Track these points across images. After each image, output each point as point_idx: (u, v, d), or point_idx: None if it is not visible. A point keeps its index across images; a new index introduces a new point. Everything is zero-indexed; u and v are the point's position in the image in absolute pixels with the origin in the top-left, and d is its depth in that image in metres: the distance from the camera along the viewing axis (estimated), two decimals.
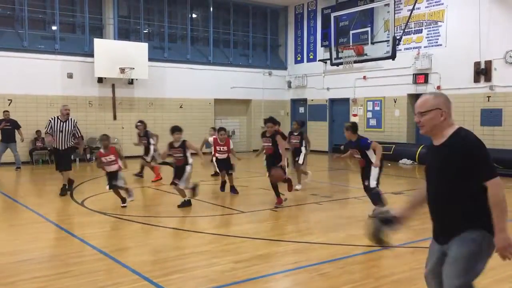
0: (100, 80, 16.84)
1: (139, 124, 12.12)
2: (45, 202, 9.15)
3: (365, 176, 7.30)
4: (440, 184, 2.89)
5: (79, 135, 10.00)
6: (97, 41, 16.42)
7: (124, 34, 17.97)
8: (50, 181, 10.98)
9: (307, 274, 5.01)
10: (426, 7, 15.84)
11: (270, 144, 8.50)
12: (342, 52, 16.83)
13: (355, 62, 16.58)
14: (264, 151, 8.88)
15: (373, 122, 17.89)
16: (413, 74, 16.12)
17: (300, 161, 10.38)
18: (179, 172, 8.23)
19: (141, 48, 17.06)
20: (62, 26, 16.85)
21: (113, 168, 8.23)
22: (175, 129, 8.27)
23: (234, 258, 5.50)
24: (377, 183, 7.26)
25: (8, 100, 15.28)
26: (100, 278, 4.86)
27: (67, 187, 9.75)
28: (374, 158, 7.15)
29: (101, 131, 16.40)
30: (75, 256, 5.68)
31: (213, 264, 5.30)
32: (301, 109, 21.06)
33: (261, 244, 6.19)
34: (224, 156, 9.73)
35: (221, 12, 20.15)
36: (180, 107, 18.60)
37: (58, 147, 9.68)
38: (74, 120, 9.86)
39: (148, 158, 11.76)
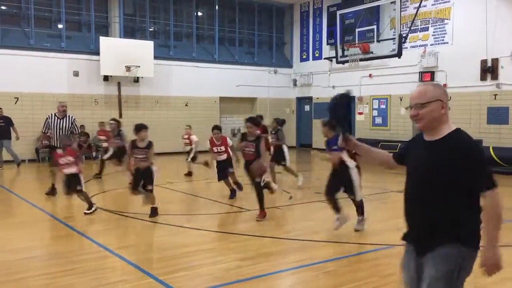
0: (106, 78, 16.88)
1: (112, 122, 11.34)
2: (51, 200, 9.18)
3: (346, 186, 6.38)
4: (424, 184, 2.60)
5: (77, 132, 9.77)
6: (103, 39, 16.47)
7: (129, 32, 18.00)
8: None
9: (312, 272, 5.01)
10: (432, 5, 15.75)
11: (253, 150, 7.35)
12: (348, 50, 16.79)
13: (361, 60, 16.54)
14: (244, 156, 7.69)
15: (378, 120, 17.83)
16: (419, 72, 16.03)
17: (287, 163, 10.33)
18: (145, 176, 7.32)
19: (146, 46, 17.09)
20: (68, 24, 16.91)
21: (71, 170, 7.52)
22: (141, 127, 7.30)
23: (239, 256, 5.50)
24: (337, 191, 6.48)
25: (15, 98, 15.35)
26: (105, 276, 4.88)
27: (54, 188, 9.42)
28: (349, 161, 6.24)
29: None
30: (81, 253, 5.70)
31: (218, 262, 5.31)
32: (307, 107, 21.03)
33: (266, 242, 6.19)
34: (224, 157, 8.91)
35: (227, 10, 20.14)
36: (186, 105, 18.63)
37: (56, 144, 9.42)
38: (72, 117, 9.65)
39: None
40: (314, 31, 20.36)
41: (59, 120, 9.49)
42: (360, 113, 18.35)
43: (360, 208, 6.56)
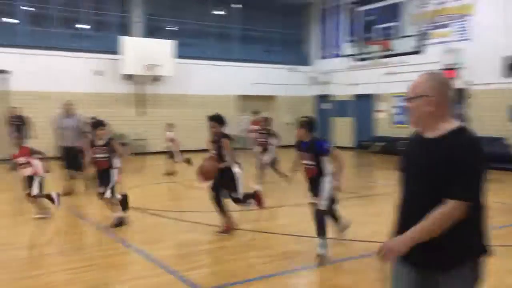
0: (127, 77, 17.09)
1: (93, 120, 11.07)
2: (73, 197, 9.29)
3: (316, 192, 5.37)
4: (419, 188, 2.27)
5: (85, 131, 9.47)
6: (124, 39, 16.67)
7: (150, 31, 18.18)
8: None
9: (333, 270, 4.98)
10: (454, 1, 15.50)
11: (216, 152, 6.31)
12: (368, 47, 16.65)
13: (381, 57, 16.39)
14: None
15: (399, 118, 17.64)
16: (441, 69, 15.80)
17: (265, 162, 9.85)
18: (103, 178, 6.52)
19: (166, 46, 17.25)
20: (90, 25, 17.17)
21: (27, 172, 6.99)
22: (98, 124, 6.64)
23: (260, 253, 5.50)
24: (331, 203, 5.53)
25: (39, 97, 15.61)
26: (125, 271, 4.94)
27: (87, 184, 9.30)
28: (328, 170, 5.36)
29: (128, 127, 16.71)
30: (102, 249, 5.78)
31: (238, 259, 5.32)
32: (326, 105, 20.93)
33: (287, 239, 6.18)
34: None
35: (246, 9, 20.15)
36: (205, 103, 18.70)
37: (65, 144, 9.28)
38: (79, 116, 9.50)
39: None
40: (334, 28, 20.23)
41: (65, 119, 9.37)
42: (380, 111, 18.17)
43: (320, 225, 5.28)
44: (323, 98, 20.98)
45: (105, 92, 16.79)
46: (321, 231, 5.22)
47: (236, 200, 6.40)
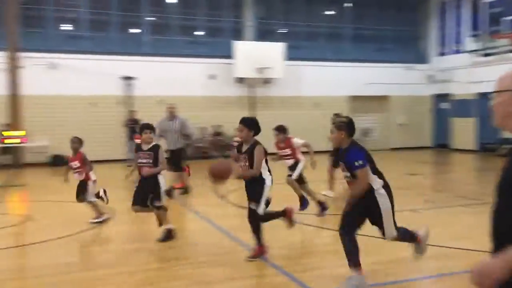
0: (239, 80, 17.60)
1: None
2: (189, 196, 9.69)
3: (373, 217, 4.47)
4: (505, 207, 1.86)
5: (190, 133, 9.68)
6: (236, 44, 17.22)
7: (261, 35, 18.55)
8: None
9: (454, 282, 4.62)
10: None
11: (247, 163, 5.29)
12: (494, 41, 15.36)
13: (510, 51, 15.01)
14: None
15: None
16: None
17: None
18: (150, 188, 5.99)
19: (277, 48, 17.47)
20: (205, 31, 18.02)
21: (79, 177, 7.02)
22: (144, 127, 6.16)
23: (373, 259, 5.27)
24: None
25: (159, 101, 16.66)
26: (239, 269, 5.01)
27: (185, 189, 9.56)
28: (375, 181, 4.29)
29: None
30: (215, 246, 5.94)
31: None
32: (444, 105, 19.69)
33: (402, 246, 5.83)
34: (291, 161, 7.67)
35: (357, 7, 19.69)
36: (316, 105, 18.59)
37: (169, 147, 9.42)
38: (182, 119, 9.58)
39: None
40: (454, 23, 18.97)
41: (168, 122, 9.53)
42: None
43: (405, 237, 4.58)
44: (441, 97, 19.78)
45: (220, 95, 17.46)
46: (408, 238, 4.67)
47: (254, 214, 5.40)
